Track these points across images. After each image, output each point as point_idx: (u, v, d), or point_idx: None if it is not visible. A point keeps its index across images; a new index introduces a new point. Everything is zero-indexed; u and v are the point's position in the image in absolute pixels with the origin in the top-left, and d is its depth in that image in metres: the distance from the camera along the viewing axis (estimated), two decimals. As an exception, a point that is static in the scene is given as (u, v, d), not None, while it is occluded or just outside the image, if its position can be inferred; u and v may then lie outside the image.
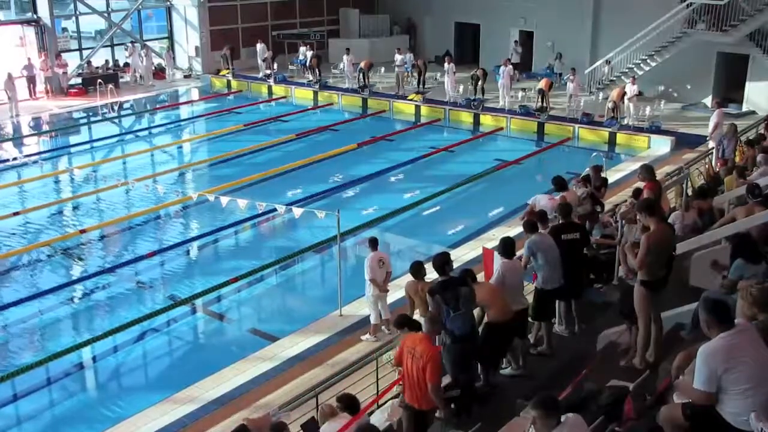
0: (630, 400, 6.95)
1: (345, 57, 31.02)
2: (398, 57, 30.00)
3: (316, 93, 30.48)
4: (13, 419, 11.42)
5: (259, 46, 33.45)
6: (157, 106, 29.87)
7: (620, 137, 23.45)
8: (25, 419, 11.39)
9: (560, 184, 12.66)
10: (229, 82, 32.98)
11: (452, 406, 8.56)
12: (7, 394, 11.72)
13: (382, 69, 32.14)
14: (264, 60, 32.83)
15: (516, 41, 32.17)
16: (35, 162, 21.88)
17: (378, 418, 8.88)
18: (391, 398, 9.14)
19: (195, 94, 32.46)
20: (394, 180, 20.94)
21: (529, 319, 10.13)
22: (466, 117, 26.75)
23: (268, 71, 32.34)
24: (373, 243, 12.18)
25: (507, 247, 9.54)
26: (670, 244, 8.72)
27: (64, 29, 35.99)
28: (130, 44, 33.66)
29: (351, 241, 16.40)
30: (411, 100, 28.03)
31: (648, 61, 26.52)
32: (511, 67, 27.58)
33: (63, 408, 11.71)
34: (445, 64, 28.13)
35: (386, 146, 24.15)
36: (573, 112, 25.26)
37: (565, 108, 25.73)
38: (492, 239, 14.14)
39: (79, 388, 12.42)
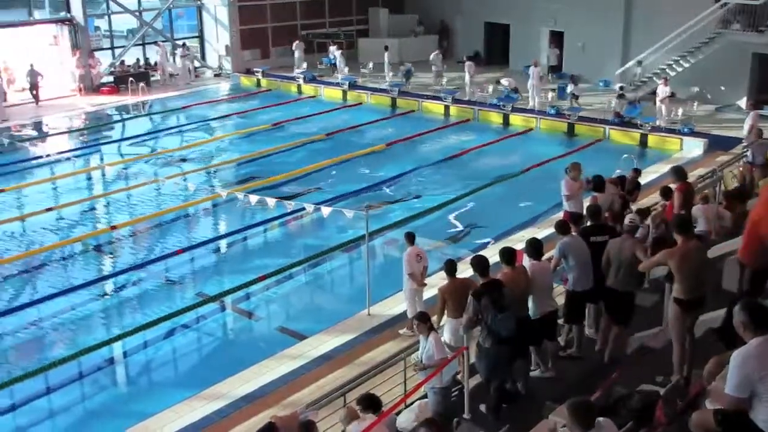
0: (661, 404, 6.87)
1: (385, 54, 31.29)
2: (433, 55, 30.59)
3: (345, 92, 30.53)
4: (46, 412, 11.58)
5: (296, 44, 33.82)
6: (187, 104, 30.05)
7: (652, 139, 23.22)
8: (57, 412, 11.55)
9: (597, 184, 12.51)
10: (258, 81, 33.15)
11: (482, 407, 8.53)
12: (40, 388, 11.86)
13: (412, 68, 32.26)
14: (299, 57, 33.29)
15: (552, 43, 31.87)
16: (67, 159, 22.14)
17: (406, 418, 8.86)
18: (419, 398, 9.12)
19: (224, 93, 32.65)
20: (422, 180, 20.89)
21: (559, 321, 10.06)
22: (495, 117, 26.64)
23: (303, 69, 32.58)
24: (410, 238, 12.14)
25: (535, 248, 9.47)
26: (701, 262, 8.61)
27: (97, 28, 36.46)
28: (161, 43, 34.00)
29: (379, 241, 16.39)
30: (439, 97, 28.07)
31: (681, 61, 26.24)
32: (540, 67, 27.44)
33: (93, 402, 11.83)
34: (465, 66, 28.48)
35: (415, 146, 24.11)
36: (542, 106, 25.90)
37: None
38: (521, 240, 14.05)
39: (109, 382, 12.54)
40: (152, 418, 10.42)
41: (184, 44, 34.31)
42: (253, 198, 15.76)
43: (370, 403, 7.69)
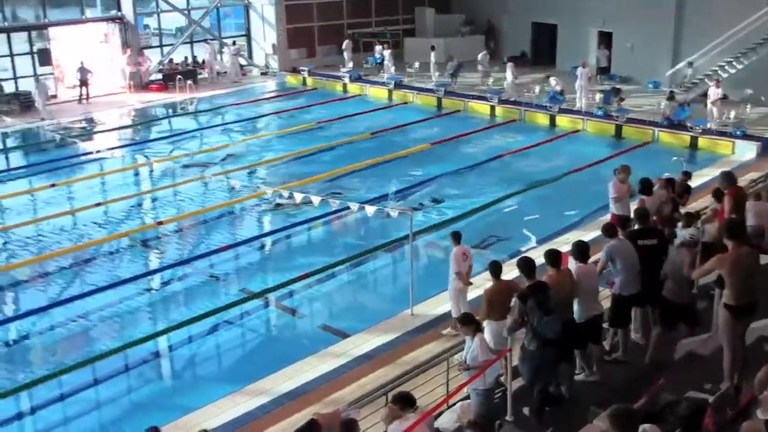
0: (710, 412, 6.73)
1: (432, 54, 31.30)
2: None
3: (390, 92, 30.54)
4: (93, 403, 11.78)
5: (346, 43, 34.03)
6: (234, 102, 30.35)
7: (703, 142, 22.80)
8: (103, 403, 11.74)
9: (644, 186, 12.32)
10: (304, 79, 33.34)
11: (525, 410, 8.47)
12: (87, 379, 12.07)
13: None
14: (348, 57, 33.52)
15: (602, 44, 31.43)
16: (116, 155, 22.52)
17: (447, 419, 8.83)
18: (461, 399, 9.07)
19: (270, 92, 32.88)
20: (467, 180, 20.79)
21: (605, 325, 9.94)
22: (542, 118, 26.42)
23: (349, 68, 32.79)
24: (457, 237, 12.08)
25: (581, 250, 9.36)
26: (753, 268, 8.43)
27: (146, 26, 37.06)
28: (209, 42, 34.41)
29: (423, 241, 16.35)
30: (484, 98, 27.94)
31: (734, 63, 25.74)
32: (589, 68, 27.15)
33: (138, 394, 12.01)
34: (507, 67, 28.62)
35: (460, 146, 24.02)
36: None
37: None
38: (567, 243, 13.91)
39: (154, 376, 12.72)
40: (196, 412, 10.51)
41: (234, 42, 34.76)
42: (298, 196, 15.84)
43: (407, 401, 7.68)
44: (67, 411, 11.61)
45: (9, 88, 29.14)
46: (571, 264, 9.52)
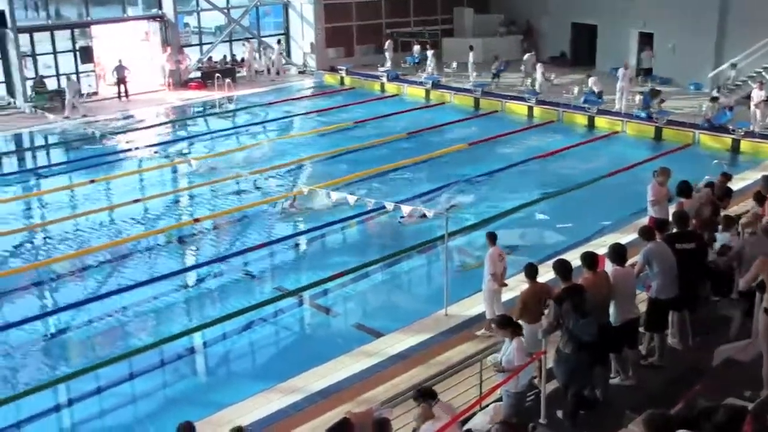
0: (750, 420, 6.58)
1: (470, 54, 31.25)
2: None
3: (428, 91, 30.48)
4: (128, 397, 11.91)
5: (388, 43, 34.16)
6: (272, 101, 30.52)
7: (745, 144, 22.39)
8: (138, 398, 11.87)
9: (683, 189, 12.13)
10: (342, 78, 33.42)
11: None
12: (123, 374, 12.20)
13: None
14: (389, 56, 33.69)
15: (647, 46, 30.98)
16: (154, 152, 22.78)
17: (480, 421, 8.78)
18: (494, 401, 9.01)
19: (308, 90, 33.02)
20: (503, 181, 20.66)
21: (641, 329, 9.81)
22: (580, 119, 26.18)
23: (387, 68, 32.85)
24: (492, 238, 12.02)
25: (618, 253, 9.25)
26: None
27: (186, 25, 37.45)
28: (251, 41, 34.68)
29: (458, 242, 16.27)
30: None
31: (778, 65, 25.31)
32: (630, 69, 26.82)
33: (173, 390, 12.09)
34: (537, 67, 28.76)
35: (497, 147, 23.89)
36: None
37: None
38: (603, 245, 13.75)
39: (188, 371, 12.81)
40: (229, 409, 10.56)
41: (279, 41, 35.09)
42: (334, 195, 15.86)
43: (427, 394, 7.67)
44: (104, 404, 11.76)
45: (51, 85, 29.60)
46: (608, 267, 9.40)
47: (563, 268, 8.78)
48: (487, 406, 8.94)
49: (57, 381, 11.91)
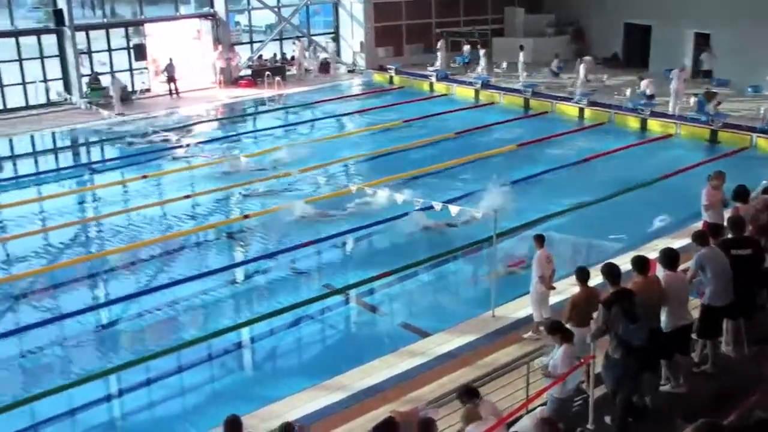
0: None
1: (520, 54, 31.12)
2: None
3: (477, 91, 30.34)
4: (177, 389, 12.10)
5: (440, 43, 34.10)
6: (321, 99, 30.68)
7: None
8: (186, 390, 12.04)
9: (740, 194, 11.86)
10: (391, 77, 33.46)
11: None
12: (172, 366, 12.38)
13: (547, 69, 31.91)
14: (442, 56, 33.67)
15: (708, 47, 30.36)
16: (203, 149, 23.07)
17: (525, 424, 8.69)
18: (540, 405, 8.92)
19: (357, 89, 33.11)
20: (552, 183, 20.47)
21: (694, 336, 9.63)
22: (632, 121, 25.81)
23: (436, 67, 32.77)
24: (540, 240, 11.92)
25: (670, 258, 9.09)
26: None
27: (237, 23, 37.85)
28: (301, 39, 34.92)
29: (506, 243, 16.15)
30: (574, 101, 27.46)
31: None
32: (685, 71, 26.33)
33: (221, 384, 12.25)
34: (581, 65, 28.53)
35: (547, 148, 23.68)
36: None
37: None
38: (654, 250, 13.54)
39: (235, 366, 12.95)
40: (274, 404, 10.63)
41: (333, 39, 35.18)
42: (382, 194, 15.86)
43: (470, 393, 7.63)
44: (153, 395, 11.94)
45: (106, 82, 30.13)
46: (659, 272, 9.25)
47: (611, 272, 8.66)
48: (534, 409, 8.86)
49: (108, 371, 12.12)
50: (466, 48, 33.94)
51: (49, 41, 29.74)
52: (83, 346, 13.01)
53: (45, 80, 29.33)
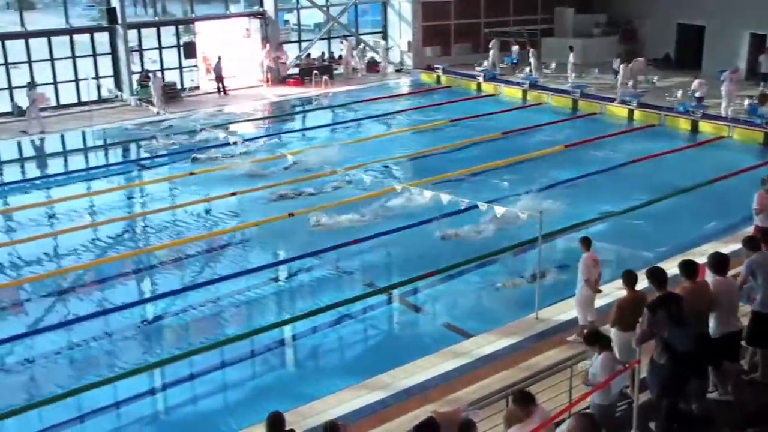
0: None
1: (570, 54, 30.98)
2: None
3: (525, 92, 30.11)
4: (219, 384, 12.19)
5: (492, 42, 33.85)
6: (368, 98, 30.73)
7: None
8: (230, 386, 12.12)
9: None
10: (438, 77, 33.39)
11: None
12: (215, 362, 12.48)
13: (596, 70, 31.55)
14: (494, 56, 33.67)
15: (766, 48, 29.59)
16: (250, 147, 23.28)
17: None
18: (584, 408, 8.80)
19: (405, 89, 33.09)
20: (600, 185, 20.19)
21: (743, 343, 9.41)
22: (683, 123, 25.36)
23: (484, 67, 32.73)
24: (587, 243, 11.77)
25: (719, 262, 8.91)
26: None
27: (286, 22, 38.13)
28: (349, 38, 35.06)
29: (551, 244, 15.97)
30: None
31: None
32: (739, 73, 25.76)
33: (263, 380, 12.31)
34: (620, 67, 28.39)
35: (595, 149, 23.38)
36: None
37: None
38: (703, 254, 13.27)
39: (278, 363, 13.02)
40: (316, 402, 10.65)
41: (385, 39, 35.35)
42: (428, 193, 15.81)
43: (527, 398, 7.53)
44: (196, 390, 12.05)
45: (157, 79, 30.56)
46: (708, 277, 9.06)
47: (658, 276, 8.53)
48: (577, 413, 8.73)
49: (153, 365, 12.27)
50: (515, 48, 33.71)
51: (102, 39, 30.30)
52: (129, 341, 13.19)
53: (97, 77, 29.84)
